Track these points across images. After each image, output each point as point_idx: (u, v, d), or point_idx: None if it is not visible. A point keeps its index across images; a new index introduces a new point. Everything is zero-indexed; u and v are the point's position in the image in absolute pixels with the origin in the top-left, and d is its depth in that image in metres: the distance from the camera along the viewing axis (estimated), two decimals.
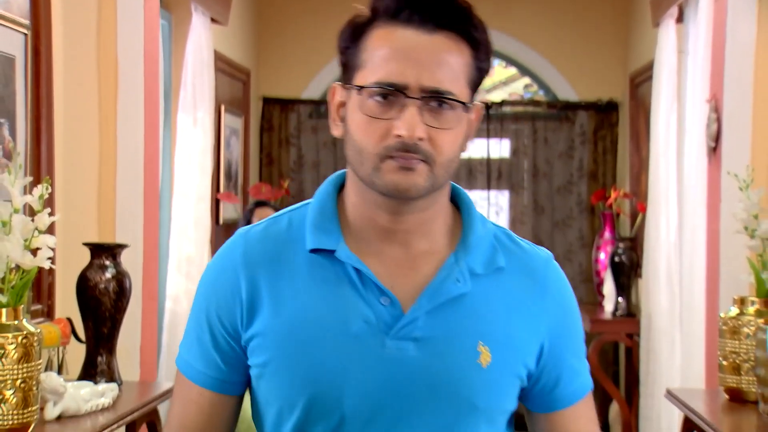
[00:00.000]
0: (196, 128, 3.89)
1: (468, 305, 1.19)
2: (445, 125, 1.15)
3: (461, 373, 1.17)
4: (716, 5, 3.27)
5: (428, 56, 1.15)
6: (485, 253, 1.22)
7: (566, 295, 1.27)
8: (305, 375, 1.17)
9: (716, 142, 3.21)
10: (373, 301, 1.17)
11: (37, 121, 2.65)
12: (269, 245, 1.22)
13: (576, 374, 1.27)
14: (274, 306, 1.19)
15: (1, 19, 2.44)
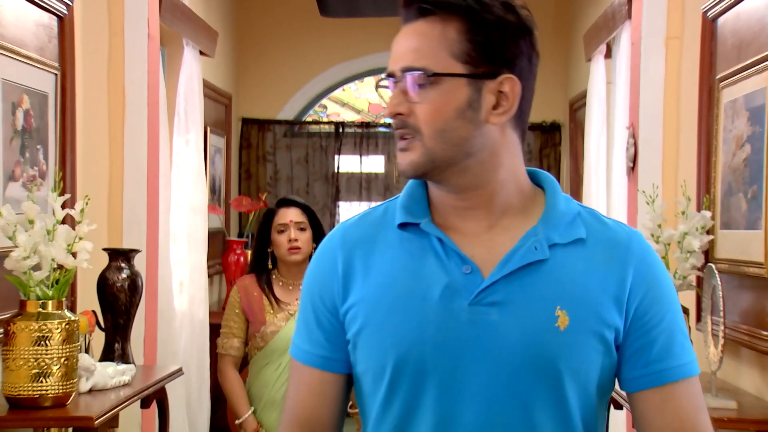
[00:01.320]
0: (189, 148, 4.33)
1: (546, 272, 1.18)
2: (423, 99, 1.17)
3: (540, 336, 1.16)
4: (632, 46, 3.78)
5: (402, 44, 1.19)
6: (565, 226, 1.20)
7: (654, 268, 1.22)
8: (392, 338, 1.19)
9: (633, 162, 3.69)
10: (454, 270, 1.19)
11: (63, 146, 3.09)
12: (364, 228, 1.27)
13: (671, 353, 1.20)
14: (366, 277, 1.23)
15: (38, 63, 2.90)
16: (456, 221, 1.23)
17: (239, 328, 3.16)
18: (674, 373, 1.20)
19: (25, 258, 2.43)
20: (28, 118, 2.84)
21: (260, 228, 3.20)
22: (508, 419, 1.17)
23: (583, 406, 1.20)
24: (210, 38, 4.77)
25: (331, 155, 6.25)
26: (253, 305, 3.14)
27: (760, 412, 2.53)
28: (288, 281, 3.18)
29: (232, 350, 3.16)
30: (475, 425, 1.17)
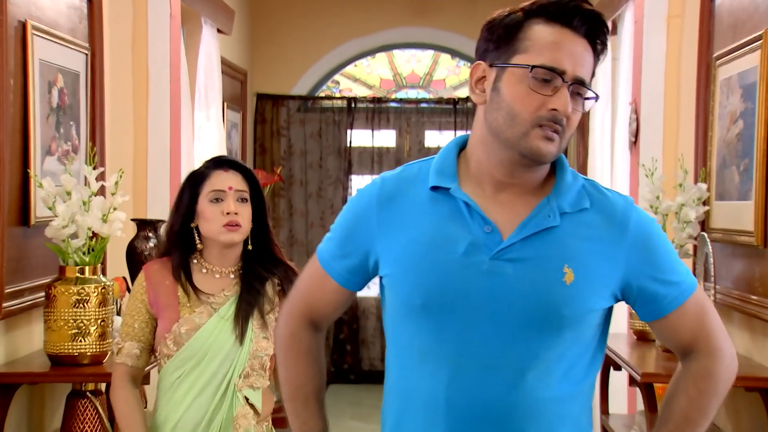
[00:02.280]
0: (210, 123, 4.48)
1: (556, 236, 1.39)
2: (579, 108, 1.38)
3: (549, 287, 1.37)
4: (635, 24, 3.90)
5: (579, 53, 1.37)
6: (573, 197, 1.41)
7: (646, 229, 1.43)
8: (420, 283, 1.41)
9: (635, 137, 3.83)
10: (477, 230, 1.40)
11: (93, 122, 3.26)
12: (401, 184, 1.48)
13: (671, 285, 1.43)
14: (400, 230, 1.44)
15: (71, 43, 3.07)
16: (489, 190, 1.43)
17: (142, 328, 2.26)
18: (679, 299, 1.44)
19: (63, 227, 2.62)
20: (62, 96, 3.02)
21: (181, 194, 2.30)
22: (515, 352, 1.39)
23: (578, 343, 1.42)
24: (227, 16, 4.91)
25: (344, 130, 6.40)
26: (162, 298, 2.25)
27: (748, 371, 2.71)
28: (214, 267, 2.29)
29: (129, 358, 2.24)
30: (487, 356, 1.40)
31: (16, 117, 2.70)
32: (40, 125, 2.83)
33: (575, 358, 1.42)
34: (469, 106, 6.28)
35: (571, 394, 1.43)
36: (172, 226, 2.31)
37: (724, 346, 1.47)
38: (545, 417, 1.41)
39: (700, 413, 1.46)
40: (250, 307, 2.22)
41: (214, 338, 2.21)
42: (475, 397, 1.40)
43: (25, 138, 2.75)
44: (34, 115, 2.78)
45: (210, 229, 2.25)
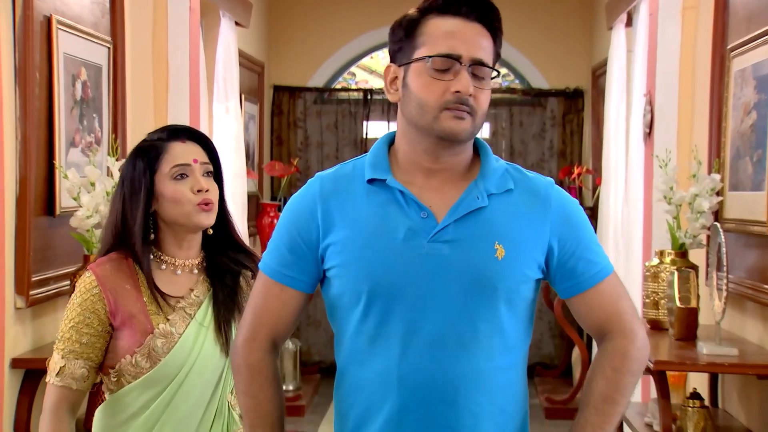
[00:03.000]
0: (228, 115, 4.54)
1: (486, 216, 1.51)
2: (484, 86, 1.50)
3: (483, 263, 1.49)
4: (650, 16, 3.92)
5: (472, 37, 1.49)
6: (498, 179, 1.53)
7: (567, 206, 1.56)
8: (365, 271, 1.50)
9: (650, 129, 3.85)
10: (414, 215, 1.50)
11: (115, 115, 3.34)
12: (338, 182, 1.56)
13: (590, 263, 1.54)
14: (342, 223, 1.53)
15: (94, 37, 3.13)
16: (420, 178, 1.54)
17: (92, 344, 1.83)
18: (595, 278, 1.55)
19: (88, 217, 2.70)
20: (86, 89, 3.08)
21: (133, 174, 1.87)
22: (457, 328, 1.50)
23: (512, 315, 1.53)
24: (245, 9, 4.96)
25: (360, 121, 6.44)
26: (125, 305, 1.83)
27: (761, 359, 2.74)
28: (175, 261, 1.90)
29: (75, 381, 1.82)
30: (433, 333, 1.50)
31: (42, 110, 2.77)
32: (64, 117, 2.90)
33: (512, 330, 1.53)
34: None
35: (509, 365, 1.53)
36: (127, 213, 1.86)
37: (636, 328, 1.55)
38: (488, 387, 1.51)
39: (618, 392, 1.53)
40: (229, 309, 1.88)
41: (198, 350, 1.83)
42: (424, 372, 1.49)
43: (50, 130, 2.82)
44: (59, 108, 2.85)
45: (178, 212, 1.85)
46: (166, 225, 1.87)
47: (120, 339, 1.82)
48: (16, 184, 2.64)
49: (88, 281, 1.84)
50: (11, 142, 2.61)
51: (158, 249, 1.88)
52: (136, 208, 1.85)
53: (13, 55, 2.61)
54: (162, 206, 1.86)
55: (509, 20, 1.56)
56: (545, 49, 6.15)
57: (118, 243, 1.87)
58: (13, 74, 2.61)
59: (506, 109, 6.30)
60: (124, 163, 1.90)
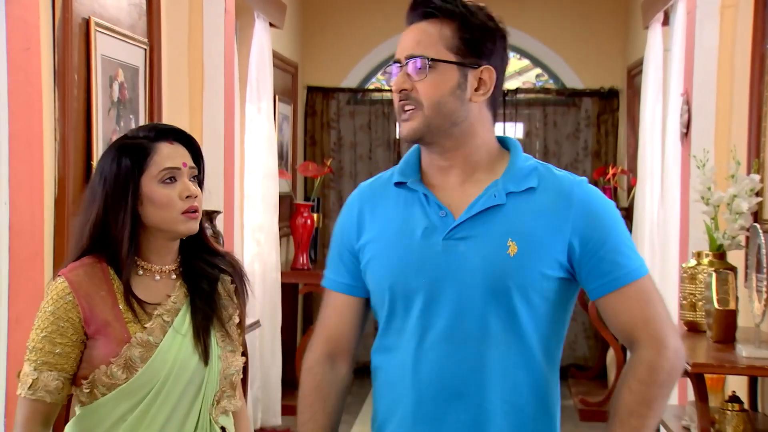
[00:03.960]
0: (261, 116, 4.57)
1: (502, 214, 1.52)
2: (420, 77, 1.52)
3: (494, 260, 1.50)
4: (688, 15, 3.88)
5: (408, 38, 1.56)
6: (522, 178, 1.54)
7: (593, 204, 1.53)
8: (387, 267, 1.57)
9: (687, 128, 3.81)
10: (433, 215, 1.55)
11: (151, 116, 3.35)
12: (374, 187, 1.67)
13: (615, 265, 1.50)
14: (372, 223, 1.62)
15: (131, 39, 3.16)
16: (438, 178, 1.58)
17: (67, 354, 1.72)
18: (620, 280, 1.51)
19: None
20: (123, 91, 3.11)
21: (118, 172, 1.75)
22: (469, 323, 1.51)
23: (531, 314, 1.51)
24: (279, 10, 4.98)
25: (393, 122, 6.41)
26: (101, 313, 1.73)
27: None
28: (153, 267, 1.80)
29: (49, 394, 1.72)
30: (445, 331, 1.52)
31: (80, 111, 2.80)
32: (102, 119, 2.93)
33: (530, 329, 1.51)
34: (519, 97, 6.30)
35: (527, 363, 1.52)
36: (110, 215, 1.74)
37: (666, 336, 1.48)
38: (501, 384, 1.50)
39: (644, 405, 1.47)
40: (207, 317, 1.77)
41: (176, 359, 1.73)
42: (436, 367, 1.51)
43: (88, 131, 2.85)
44: (97, 109, 2.88)
45: (162, 217, 1.73)
46: (147, 229, 1.76)
47: (94, 348, 1.72)
48: (54, 185, 2.66)
49: (60, 287, 1.72)
50: (50, 143, 2.64)
51: (135, 254, 1.76)
52: (122, 210, 1.73)
53: (53, 57, 2.64)
54: (146, 210, 1.74)
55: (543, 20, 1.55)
56: (580, 48, 6.12)
57: (95, 245, 1.75)
58: (52, 76, 2.64)
59: (540, 109, 6.27)
60: (104, 159, 1.78)
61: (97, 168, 1.79)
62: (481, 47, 1.54)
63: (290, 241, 5.67)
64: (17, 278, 2.29)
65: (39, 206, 2.46)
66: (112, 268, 1.75)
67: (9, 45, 2.26)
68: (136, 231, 1.75)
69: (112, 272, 1.75)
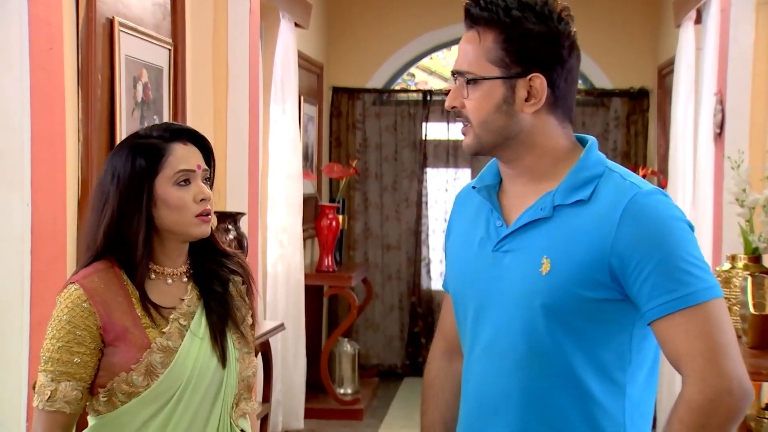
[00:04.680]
0: (285, 116, 4.54)
1: (544, 228, 1.45)
2: (464, 96, 1.47)
3: (527, 277, 1.44)
4: (722, 13, 3.80)
5: (460, 49, 1.49)
6: (576, 189, 1.44)
7: (646, 220, 1.38)
8: (452, 275, 1.58)
9: (720, 129, 3.73)
10: (492, 224, 1.51)
11: (175, 117, 3.33)
12: (469, 187, 1.62)
13: (660, 290, 1.35)
14: (455, 227, 1.62)
15: (155, 39, 3.14)
16: (508, 185, 1.54)
17: (86, 363, 1.68)
18: (665, 308, 1.36)
19: None
20: (147, 91, 3.09)
21: (131, 173, 1.71)
22: (507, 341, 1.46)
23: (575, 336, 1.41)
24: (304, 10, 4.96)
25: (419, 123, 6.38)
26: (119, 319, 1.69)
27: None
28: (165, 270, 1.76)
29: (68, 404, 1.67)
30: (487, 345, 1.49)
31: (104, 111, 2.78)
32: (125, 119, 2.91)
33: (573, 352, 1.41)
34: None
35: (574, 387, 1.41)
36: (124, 217, 1.69)
37: (712, 376, 1.32)
38: (539, 406, 1.43)
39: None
40: (222, 318, 1.75)
41: (195, 364, 1.70)
42: (479, 384, 1.50)
43: (112, 132, 2.83)
44: (120, 110, 2.86)
45: (176, 220, 1.70)
46: (159, 232, 1.72)
47: (114, 355, 1.67)
48: (78, 186, 2.65)
49: (75, 295, 1.67)
50: (73, 144, 2.62)
51: (148, 257, 1.72)
52: (137, 212, 1.69)
53: (77, 57, 2.62)
54: (160, 212, 1.70)
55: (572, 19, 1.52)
56: (609, 48, 6.04)
57: (108, 249, 1.70)
58: (76, 76, 2.62)
59: None
60: (114, 158, 1.72)
61: (107, 166, 1.74)
62: (528, 54, 1.44)
63: (315, 242, 5.64)
64: (39, 281, 2.27)
65: (61, 208, 2.43)
66: (125, 272, 1.71)
67: (32, 45, 2.23)
68: (149, 234, 1.71)
69: (125, 276, 1.71)
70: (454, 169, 6.44)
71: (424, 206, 6.38)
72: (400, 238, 6.41)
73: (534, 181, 1.49)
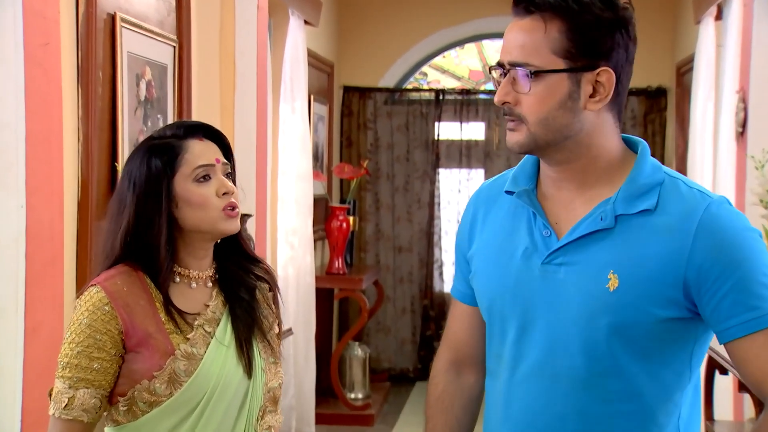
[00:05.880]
0: (295, 116, 4.46)
1: (608, 239, 1.32)
2: (522, 90, 1.32)
3: (592, 294, 1.31)
4: (744, 8, 3.70)
5: (512, 38, 1.33)
6: (638, 197, 1.32)
7: (724, 234, 1.29)
8: (487, 287, 1.44)
9: (743, 128, 3.65)
10: (537, 234, 1.38)
11: (180, 116, 3.25)
12: (492, 189, 1.50)
13: (742, 307, 1.27)
14: (482, 232, 1.47)
15: (159, 36, 3.05)
16: (552, 190, 1.40)
17: (105, 369, 1.61)
18: (749, 326, 1.28)
19: None
20: (150, 89, 3.00)
21: (148, 176, 1.66)
22: (562, 360, 1.35)
23: (636, 356, 1.32)
24: (314, 7, 4.88)
25: (432, 122, 6.29)
26: (142, 324, 1.62)
27: None
28: (190, 273, 1.69)
29: (87, 413, 1.60)
30: (536, 365, 1.37)
31: (105, 110, 2.70)
32: (128, 118, 2.82)
33: (636, 373, 1.32)
34: None
35: (635, 411, 1.33)
36: (143, 220, 1.64)
37: None
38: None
39: None
40: (248, 326, 1.68)
41: (221, 372, 1.64)
42: (527, 408, 1.37)
43: (113, 131, 2.74)
44: (122, 108, 2.77)
45: (201, 217, 1.63)
46: (184, 233, 1.66)
47: (135, 362, 1.60)
48: (77, 187, 2.56)
49: (96, 298, 1.60)
50: (73, 144, 2.54)
51: (173, 260, 1.66)
52: (156, 215, 1.63)
53: (76, 54, 2.54)
54: (183, 212, 1.64)
55: None
56: None
57: (127, 254, 1.64)
58: (75, 73, 2.54)
59: None
60: (131, 162, 1.68)
61: (123, 173, 1.69)
62: (597, 46, 1.31)
63: (325, 244, 5.55)
64: (34, 286, 2.19)
65: (59, 210, 2.35)
66: (148, 276, 1.64)
67: (26, 40, 2.15)
68: (172, 235, 1.64)
69: (149, 280, 1.64)
70: (467, 170, 6.34)
71: (436, 207, 6.28)
72: (411, 240, 6.32)
73: (584, 186, 1.37)
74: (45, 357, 2.23)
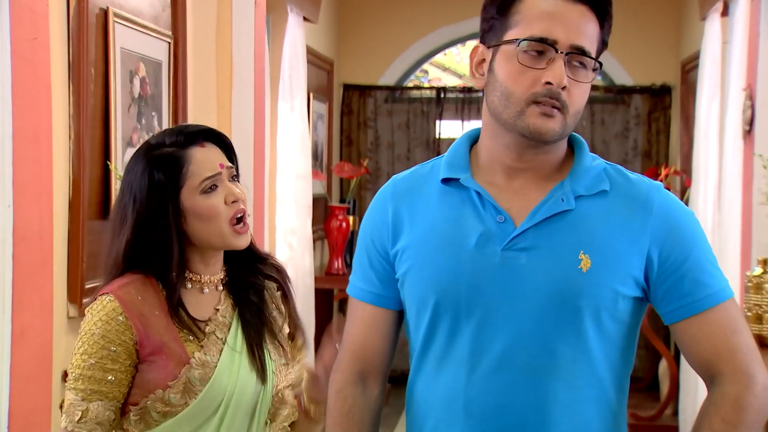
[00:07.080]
0: (294, 114, 4.39)
1: (571, 221, 1.33)
2: (581, 79, 1.32)
3: (564, 276, 1.30)
4: (751, 3, 3.64)
5: (574, 20, 1.31)
6: (590, 180, 1.35)
7: (675, 214, 1.35)
8: (433, 279, 1.36)
9: (750, 126, 3.59)
10: (489, 220, 1.34)
11: (176, 113, 3.19)
12: (411, 181, 1.44)
13: (698, 284, 1.32)
14: (412, 226, 1.40)
15: (153, 32, 2.99)
16: (500, 178, 1.38)
17: (120, 380, 1.58)
18: (704, 303, 1.32)
19: None
20: (144, 86, 2.94)
21: (149, 191, 1.62)
22: (531, 350, 1.32)
23: (603, 339, 1.33)
24: (313, 4, 4.82)
25: (432, 121, 6.23)
26: (156, 333, 1.60)
27: None
28: (202, 278, 1.68)
29: (101, 426, 1.57)
30: (503, 355, 1.32)
31: (97, 107, 2.64)
32: (121, 116, 2.76)
33: (602, 357, 1.33)
34: None
35: (599, 397, 1.35)
36: (147, 233, 1.61)
37: (754, 371, 1.31)
38: (569, 421, 1.33)
39: None
40: (258, 330, 1.67)
41: (235, 379, 1.62)
42: (492, 400, 1.34)
43: (106, 129, 2.69)
44: (115, 106, 2.71)
45: (211, 230, 1.61)
46: (193, 243, 1.64)
47: (149, 372, 1.56)
48: (68, 186, 2.50)
49: (110, 307, 1.57)
50: (64, 142, 2.48)
51: (187, 270, 1.65)
52: (165, 230, 1.60)
53: (67, 50, 2.48)
54: (191, 226, 1.62)
55: None
56: (629, 43, 5.85)
57: (133, 265, 1.62)
58: (66, 70, 2.48)
59: (587, 108, 5.94)
60: (131, 173, 1.63)
61: (123, 185, 1.65)
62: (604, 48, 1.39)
63: (325, 244, 5.48)
64: (22, 287, 2.12)
65: (48, 210, 2.28)
66: (161, 283, 1.62)
67: (13, 35, 2.09)
68: (182, 248, 1.63)
69: (161, 287, 1.62)
70: None
71: None
72: None
73: (539, 175, 1.38)
74: (33, 361, 2.17)
